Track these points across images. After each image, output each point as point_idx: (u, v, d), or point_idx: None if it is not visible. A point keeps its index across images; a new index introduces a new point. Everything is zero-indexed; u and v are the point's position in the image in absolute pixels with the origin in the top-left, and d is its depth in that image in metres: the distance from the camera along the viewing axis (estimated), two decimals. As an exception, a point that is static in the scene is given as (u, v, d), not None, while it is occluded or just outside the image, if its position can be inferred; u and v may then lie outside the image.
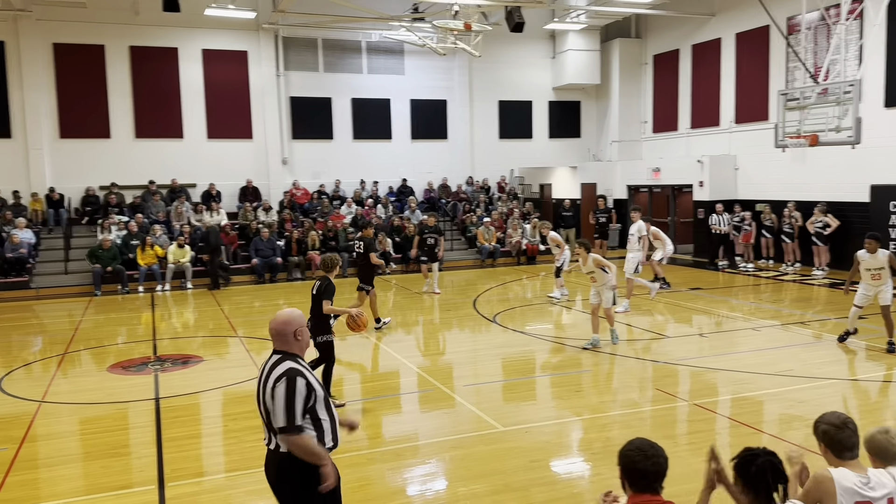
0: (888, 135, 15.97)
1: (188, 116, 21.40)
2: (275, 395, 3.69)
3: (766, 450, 3.23)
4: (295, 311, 4.04)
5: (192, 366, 9.99)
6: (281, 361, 3.81)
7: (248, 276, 18.59)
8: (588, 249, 10.19)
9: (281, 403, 3.67)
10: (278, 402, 3.67)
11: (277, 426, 3.68)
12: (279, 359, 3.84)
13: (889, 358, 9.45)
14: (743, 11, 19.97)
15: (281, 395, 3.67)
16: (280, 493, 3.85)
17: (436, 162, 24.09)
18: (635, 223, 13.93)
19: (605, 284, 10.05)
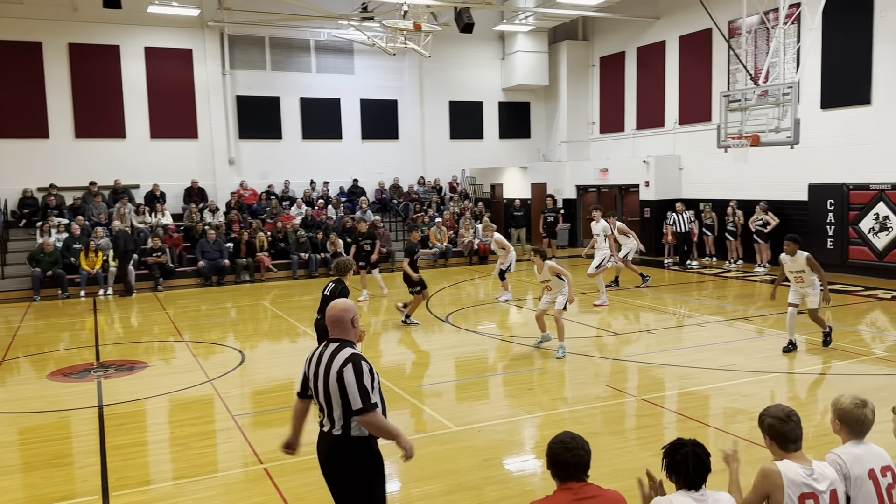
0: (825, 135, 16.57)
1: (131, 115, 20.85)
2: (345, 381, 3.86)
3: (695, 441, 3.39)
4: (350, 301, 4.27)
5: (137, 372, 9.74)
6: (342, 348, 4.00)
7: (194, 279, 18.21)
8: (544, 257, 9.91)
9: (354, 387, 3.85)
10: (350, 386, 3.85)
11: (355, 408, 3.85)
12: (339, 346, 4.02)
13: (827, 352, 9.78)
14: (686, 15, 20.45)
15: (352, 379, 3.86)
16: (343, 475, 3.96)
17: (387, 162, 24.01)
18: (598, 223, 14.09)
19: (560, 291, 9.80)
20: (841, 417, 3.71)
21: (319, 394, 4.00)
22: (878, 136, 15.73)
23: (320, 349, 4.09)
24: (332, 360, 3.95)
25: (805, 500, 3.42)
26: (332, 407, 3.94)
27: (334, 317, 4.10)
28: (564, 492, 3.37)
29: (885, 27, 15.48)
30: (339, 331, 4.09)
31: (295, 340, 11.79)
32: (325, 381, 3.94)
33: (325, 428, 4.01)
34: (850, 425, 3.68)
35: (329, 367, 3.94)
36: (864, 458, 3.57)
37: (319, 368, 4.00)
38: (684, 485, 3.33)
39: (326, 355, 4.00)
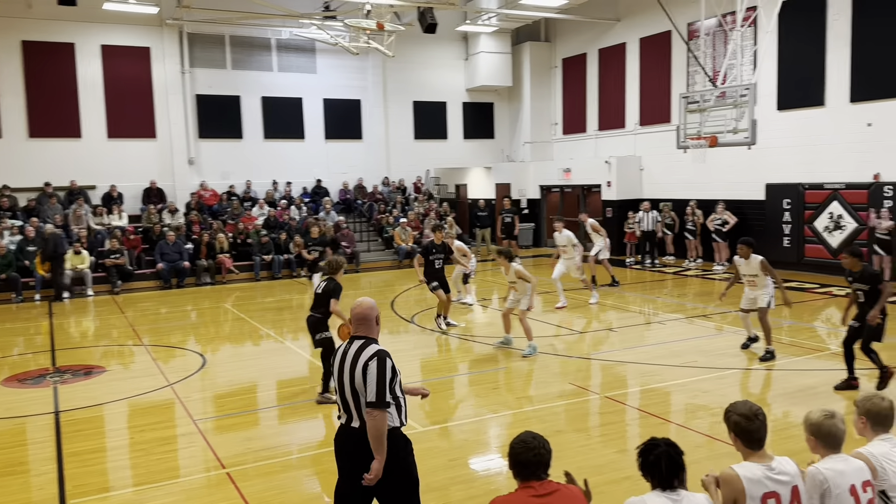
0: (781, 136, 16.96)
1: (87, 115, 20.38)
2: (367, 373, 4.03)
3: (668, 441, 3.42)
4: (373, 300, 4.38)
5: (95, 377, 9.52)
6: (368, 344, 4.17)
7: (153, 281, 17.88)
8: (510, 258, 9.96)
9: (373, 380, 4.01)
10: (371, 378, 4.02)
11: (368, 400, 3.99)
12: (365, 342, 4.19)
13: (784, 347, 10.00)
14: (646, 17, 20.73)
15: (373, 373, 4.02)
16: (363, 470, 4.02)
17: (351, 162, 23.86)
18: (561, 233, 13.62)
19: (525, 294, 9.87)
20: (813, 433, 3.74)
21: (345, 389, 4.12)
22: (832, 136, 16.15)
23: (345, 346, 4.24)
24: (358, 355, 4.11)
25: (767, 499, 3.47)
26: (359, 402, 4.06)
27: (361, 314, 4.26)
28: (525, 489, 3.42)
29: (837, 30, 15.89)
30: (364, 328, 4.25)
31: (257, 343, 11.65)
32: (352, 376, 4.08)
33: (355, 424, 4.10)
34: (822, 439, 3.71)
35: (356, 362, 4.10)
36: (846, 474, 3.58)
37: (345, 365, 4.14)
38: (658, 485, 3.35)
39: (352, 352, 4.15)
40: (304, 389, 8.83)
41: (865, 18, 15.36)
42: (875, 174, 15.33)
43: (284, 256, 19.20)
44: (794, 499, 3.51)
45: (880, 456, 3.78)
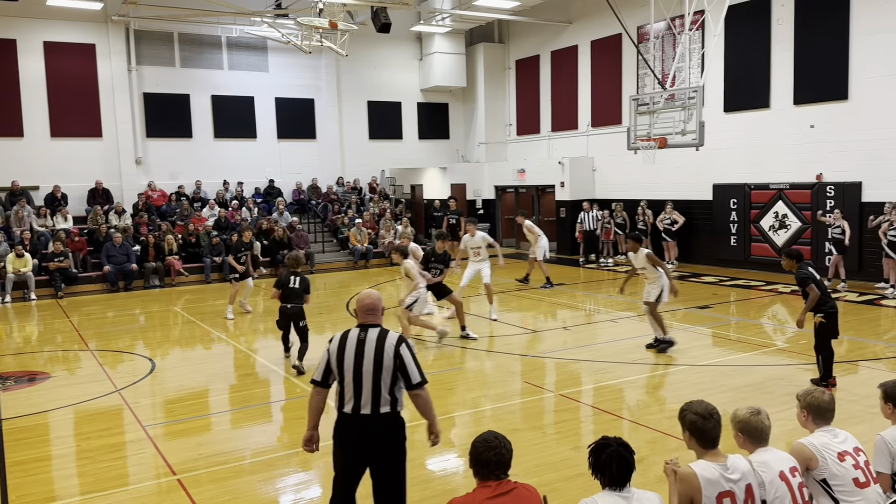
0: (727, 137, 17.38)
1: (29, 113, 19.74)
2: (404, 358, 4.22)
3: (620, 440, 3.46)
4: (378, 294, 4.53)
5: (39, 383, 9.22)
6: (385, 332, 4.33)
7: (99, 284, 17.41)
8: (405, 255, 10.58)
9: (412, 363, 4.25)
10: (409, 362, 4.24)
11: (416, 381, 4.24)
12: (381, 330, 4.34)
13: (732, 343, 10.26)
14: (597, 20, 21.03)
15: (410, 356, 4.25)
16: (390, 449, 4.26)
17: (304, 162, 23.62)
18: (474, 236, 12.73)
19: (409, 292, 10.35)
20: (741, 429, 3.86)
21: (366, 375, 4.18)
22: (776, 138, 16.62)
23: (357, 335, 4.31)
24: (381, 342, 4.24)
25: (723, 498, 3.54)
26: (380, 387, 4.18)
27: (370, 305, 4.41)
28: (483, 489, 3.44)
29: (781, 35, 16.37)
30: (373, 317, 4.40)
31: (208, 347, 11.44)
32: (377, 362, 4.19)
33: (366, 410, 4.18)
34: (750, 434, 3.84)
35: (381, 348, 4.22)
36: (771, 463, 3.72)
37: (367, 350, 4.22)
38: (609, 484, 3.39)
39: (372, 339, 4.26)
40: (255, 394, 8.71)
41: (807, 24, 15.86)
42: (818, 174, 15.83)
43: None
44: (748, 497, 3.59)
45: (821, 446, 3.92)
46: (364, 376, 4.18)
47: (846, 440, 4.00)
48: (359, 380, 4.19)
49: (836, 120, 15.47)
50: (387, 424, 4.23)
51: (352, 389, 4.21)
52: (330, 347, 4.35)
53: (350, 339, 4.30)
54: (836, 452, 3.91)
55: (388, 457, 4.27)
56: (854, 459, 3.90)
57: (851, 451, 3.94)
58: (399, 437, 4.30)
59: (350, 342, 4.28)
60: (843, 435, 4.03)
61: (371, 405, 4.18)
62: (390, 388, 4.22)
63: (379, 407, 4.19)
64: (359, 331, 4.33)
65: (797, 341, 10.30)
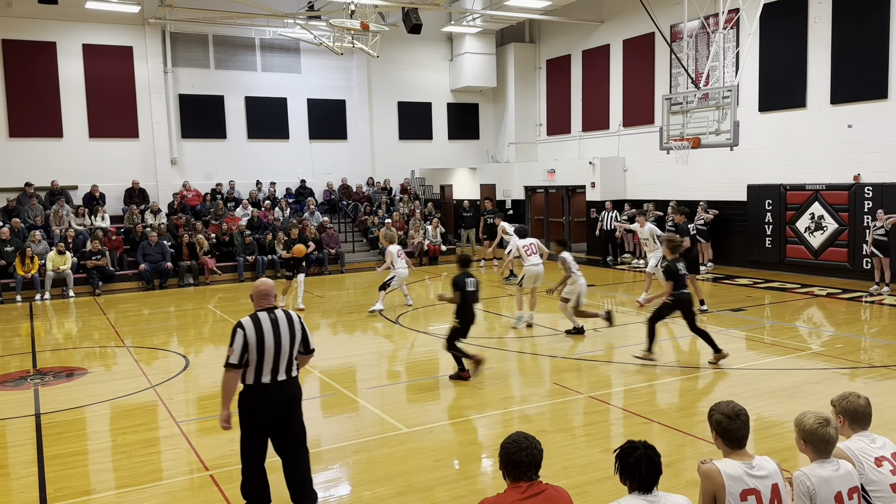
0: (762, 137, 17.12)
1: (68, 114, 20.19)
2: (305, 331, 5.18)
3: (646, 443, 3.41)
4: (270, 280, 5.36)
5: (76, 378, 9.43)
6: (286, 311, 5.17)
7: (135, 282, 17.74)
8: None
9: (308, 333, 5.23)
10: (308, 334, 5.22)
11: (312, 347, 5.23)
12: (281, 310, 5.16)
13: (765, 346, 10.09)
14: (630, 19, 20.85)
15: (306, 328, 5.22)
16: (298, 406, 5.18)
17: (335, 163, 23.81)
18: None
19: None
20: (805, 438, 3.77)
21: (284, 349, 4.99)
22: (812, 138, 16.32)
23: (268, 317, 5.02)
24: (290, 319, 5.10)
25: (747, 496, 3.49)
26: (293, 356, 5.06)
27: (266, 291, 5.17)
28: (514, 490, 3.43)
29: (818, 33, 16.07)
30: (269, 301, 5.15)
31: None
32: (292, 335, 5.04)
33: (282, 377, 4.99)
34: (814, 444, 3.74)
35: (291, 324, 5.07)
36: (832, 482, 3.61)
37: (282, 329, 5.00)
38: (637, 488, 3.35)
39: (283, 319, 5.06)
40: (288, 391, 8.80)
41: (845, 21, 15.54)
42: (855, 175, 15.51)
43: (268, 257, 19.11)
44: (774, 496, 3.54)
45: (858, 451, 3.85)
46: (283, 349, 4.97)
47: (884, 445, 3.91)
48: (278, 353, 4.96)
49: (874, 119, 15.14)
50: (298, 385, 5.18)
51: (272, 363, 4.94)
52: (246, 334, 4.92)
53: (264, 322, 4.99)
54: (874, 458, 3.83)
55: (295, 410, 5.16)
56: (892, 465, 3.82)
57: (889, 456, 3.86)
58: (300, 392, 5.23)
59: (265, 324, 4.98)
60: (881, 440, 3.94)
61: (286, 372, 5.01)
62: (296, 356, 5.12)
63: (291, 372, 5.06)
64: (266, 314, 5.05)
65: (833, 345, 10.10)
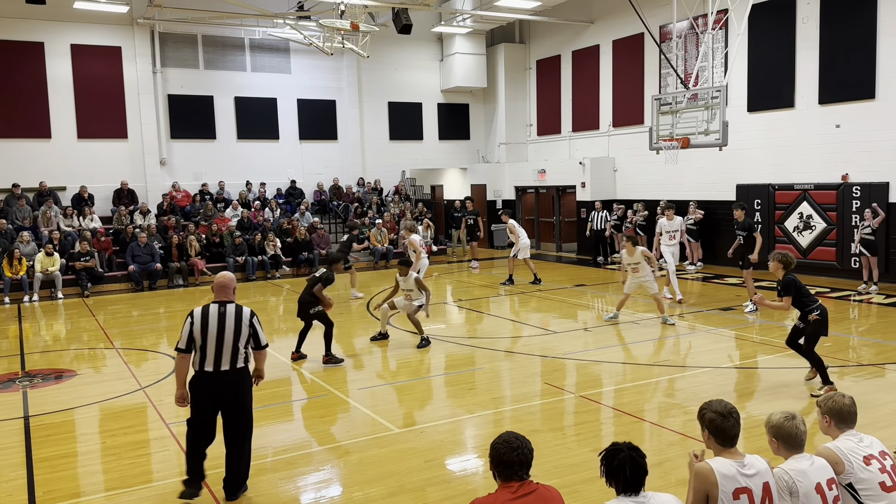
0: (751, 137, 17.21)
1: (56, 115, 20.06)
2: (255, 326, 5.47)
3: (630, 445, 3.42)
4: (232, 274, 5.70)
5: (65, 380, 9.37)
6: (239, 307, 5.48)
7: (124, 283, 17.65)
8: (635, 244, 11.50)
9: (260, 329, 5.53)
10: (259, 329, 5.51)
11: (263, 344, 5.56)
12: (234, 304, 5.48)
13: (758, 345, 10.16)
14: (619, 19, 20.92)
15: (258, 324, 5.52)
16: (242, 397, 5.49)
17: (325, 163, 23.77)
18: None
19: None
20: (775, 434, 3.81)
21: (226, 340, 5.32)
22: (801, 138, 16.43)
23: (217, 310, 5.38)
24: (239, 313, 5.42)
25: (739, 494, 3.52)
26: (239, 346, 5.36)
27: (224, 284, 5.50)
28: (505, 489, 3.43)
29: (806, 33, 16.17)
30: (226, 294, 5.51)
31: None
32: (237, 328, 5.35)
33: (225, 367, 5.34)
34: (784, 440, 3.78)
35: (239, 317, 5.40)
36: (809, 474, 3.66)
37: (227, 321, 5.34)
38: (623, 490, 3.36)
39: (231, 312, 5.40)
40: (278, 393, 8.79)
41: (833, 22, 15.65)
42: (843, 175, 15.62)
43: (258, 258, 19.05)
44: (766, 494, 3.57)
45: (846, 451, 3.88)
46: (225, 341, 5.30)
47: (872, 444, 3.95)
48: (221, 344, 5.29)
49: (862, 119, 15.25)
50: (242, 376, 5.45)
51: (213, 352, 5.29)
52: (193, 322, 5.32)
53: (211, 313, 5.34)
54: (862, 456, 3.86)
55: (241, 399, 5.47)
56: (880, 463, 3.85)
57: (877, 454, 3.89)
58: (248, 384, 5.55)
59: (212, 316, 5.33)
60: (868, 439, 3.98)
61: (229, 363, 5.34)
62: (243, 349, 5.39)
63: (236, 363, 5.37)
64: (218, 306, 5.39)
65: (822, 343, 10.16)
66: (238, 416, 5.49)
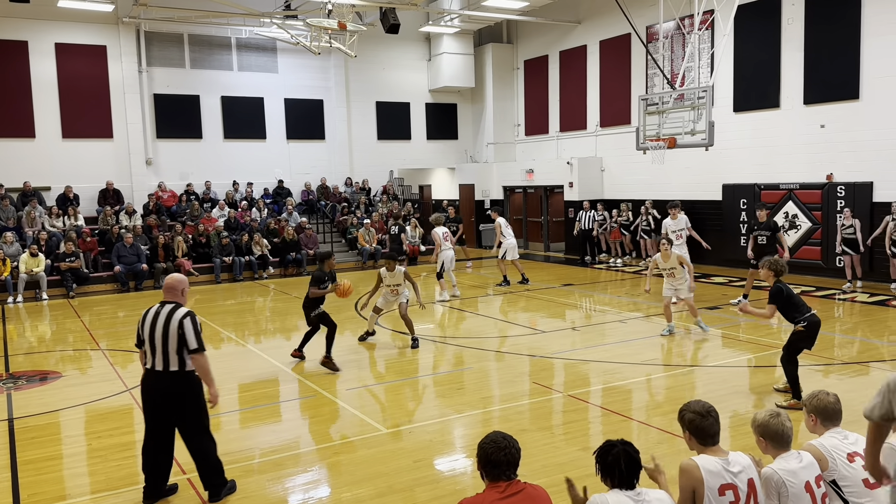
0: (737, 137, 17.32)
1: (41, 114, 19.90)
2: (185, 328, 5.28)
3: (623, 441, 3.48)
4: (184, 276, 5.67)
5: (50, 382, 9.29)
6: (178, 307, 5.42)
7: (110, 284, 17.52)
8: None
9: (192, 332, 5.31)
10: (189, 331, 5.30)
11: (192, 348, 5.31)
12: (175, 306, 5.42)
13: (741, 344, 10.22)
14: (606, 20, 20.99)
15: (190, 327, 5.31)
16: (171, 401, 5.37)
17: (313, 163, 23.71)
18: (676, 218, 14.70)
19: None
20: (761, 433, 3.85)
21: (157, 341, 5.30)
22: (786, 138, 16.55)
23: (156, 309, 5.42)
24: (171, 315, 5.33)
25: (725, 490, 3.55)
26: (169, 349, 5.28)
27: (169, 285, 5.51)
28: (493, 489, 3.44)
29: (791, 34, 16.29)
30: (171, 295, 5.49)
31: (218, 347, 11.49)
32: (166, 329, 5.28)
33: (159, 368, 5.33)
34: (771, 438, 3.82)
35: (169, 319, 5.31)
36: (799, 473, 3.69)
37: (158, 322, 5.32)
38: (618, 485, 3.39)
39: (165, 312, 5.36)
40: (266, 393, 8.75)
41: (817, 23, 15.77)
42: (828, 174, 15.75)
43: (245, 258, 18.96)
44: (751, 491, 3.60)
45: (831, 448, 3.92)
46: (155, 342, 5.30)
47: (857, 442, 3.98)
48: (153, 345, 5.32)
49: (846, 120, 15.38)
50: (174, 379, 5.34)
51: (150, 351, 5.36)
52: (141, 319, 5.45)
53: (150, 313, 5.43)
54: (846, 454, 3.90)
55: (178, 404, 5.38)
56: (864, 460, 3.88)
57: (861, 452, 3.92)
58: (186, 388, 5.38)
59: (150, 315, 5.41)
60: (853, 437, 4.02)
61: (162, 364, 5.31)
62: (177, 352, 5.28)
63: (168, 366, 5.30)
64: (158, 306, 5.44)
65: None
66: (179, 418, 5.44)
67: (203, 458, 5.53)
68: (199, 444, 5.53)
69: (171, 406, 5.38)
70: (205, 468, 5.55)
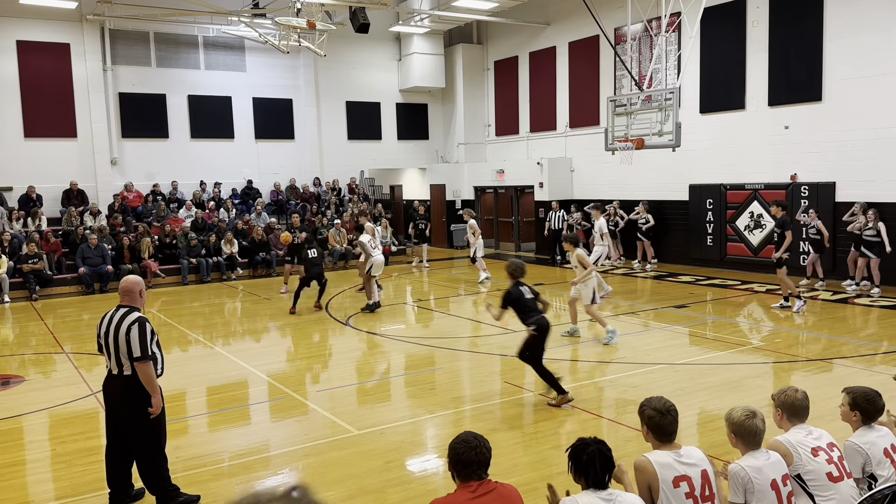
0: (704, 138, 17.57)
1: (2, 113, 19.47)
2: (131, 335, 5.17)
3: (597, 439, 3.50)
4: (140, 278, 5.55)
5: (13, 386, 9.08)
6: (130, 312, 5.30)
7: (74, 286, 17.19)
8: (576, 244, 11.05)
9: (137, 340, 5.17)
10: (134, 338, 5.17)
11: (135, 356, 5.17)
12: (128, 310, 5.32)
13: (708, 342, 10.37)
14: (575, 21, 21.14)
15: (136, 334, 5.18)
16: (122, 406, 5.29)
17: (282, 163, 23.51)
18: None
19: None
20: (735, 431, 3.91)
21: (110, 345, 5.24)
22: (752, 139, 16.83)
23: (112, 312, 5.34)
24: (122, 320, 5.24)
25: (679, 482, 3.61)
26: (120, 354, 5.21)
27: (125, 288, 5.40)
28: (464, 489, 3.44)
29: (756, 37, 16.57)
30: (127, 298, 5.38)
31: (185, 349, 11.34)
32: (116, 334, 5.20)
33: (114, 371, 5.30)
34: (743, 436, 3.88)
35: (120, 324, 5.22)
36: (765, 470, 3.75)
37: (111, 326, 5.25)
38: (592, 484, 3.41)
39: (118, 316, 5.28)
40: (234, 396, 8.66)
41: (781, 26, 16.06)
42: (792, 175, 16.05)
43: (213, 259, 18.73)
44: (705, 482, 3.67)
45: (795, 443, 4.00)
46: (109, 345, 5.26)
47: (821, 437, 4.07)
48: (108, 348, 5.28)
49: (810, 121, 15.69)
50: (125, 384, 5.25)
51: (106, 355, 5.34)
52: (99, 322, 5.40)
53: (106, 316, 5.37)
54: (810, 448, 3.98)
55: (129, 408, 5.28)
56: (827, 454, 3.97)
57: (825, 446, 4.01)
58: (134, 394, 5.24)
59: (105, 318, 5.36)
60: (817, 432, 4.10)
61: (116, 368, 5.28)
62: (127, 356, 5.20)
63: (121, 370, 5.26)
64: (113, 309, 5.37)
65: (773, 340, 10.44)
66: (127, 422, 5.32)
67: (154, 479, 5.38)
68: (150, 464, 5.38)
69: (124, 410, 5.31)
70: (157, 490, 5.39)
